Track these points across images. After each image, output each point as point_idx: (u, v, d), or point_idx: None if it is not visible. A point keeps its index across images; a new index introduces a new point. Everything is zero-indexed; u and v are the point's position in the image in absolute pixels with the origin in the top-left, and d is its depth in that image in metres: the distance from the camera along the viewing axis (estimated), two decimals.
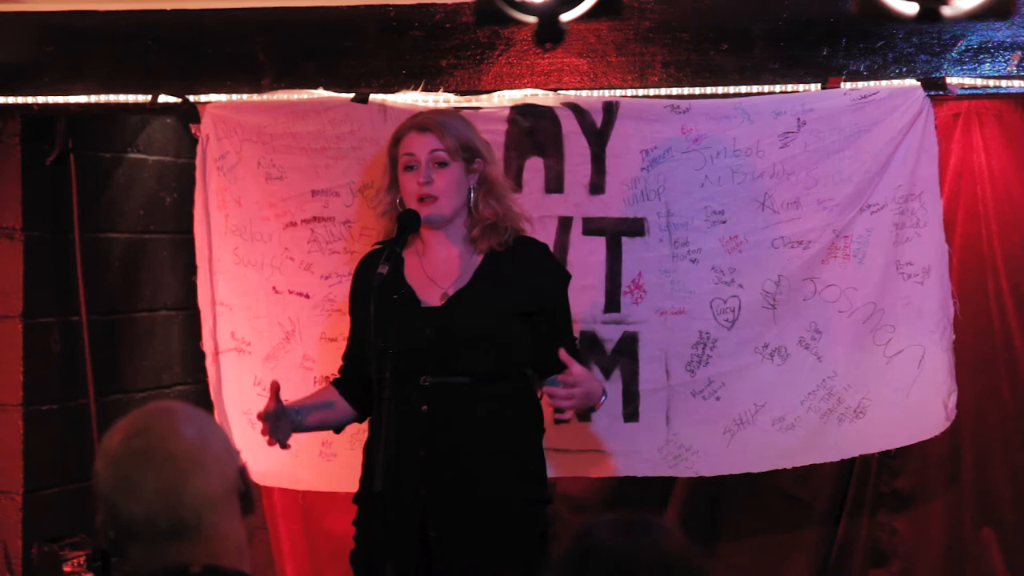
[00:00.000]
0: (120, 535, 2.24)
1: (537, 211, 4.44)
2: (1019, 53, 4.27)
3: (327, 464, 4.52)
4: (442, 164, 3.79)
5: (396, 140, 3.86)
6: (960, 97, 4.50)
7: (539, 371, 3.82)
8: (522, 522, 3.74)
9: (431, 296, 3.76)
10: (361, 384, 3.82)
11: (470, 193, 3.82)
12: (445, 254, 3.83)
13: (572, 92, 4.44)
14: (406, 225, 3.74)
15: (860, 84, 4.35)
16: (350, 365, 3.93)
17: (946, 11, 4.23)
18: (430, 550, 3.69)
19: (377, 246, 3.92)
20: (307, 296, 4.56)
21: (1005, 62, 4.29)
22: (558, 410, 3.72)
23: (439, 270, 3.81)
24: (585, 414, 4.45)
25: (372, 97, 4.48)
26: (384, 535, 3.61)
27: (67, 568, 4.76)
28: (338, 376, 3.99)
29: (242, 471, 2.28)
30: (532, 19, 4.39)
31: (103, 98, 4.63)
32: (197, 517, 2.21)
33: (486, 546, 3.69)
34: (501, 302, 3.76)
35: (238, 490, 2.26)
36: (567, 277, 3.96)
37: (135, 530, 2.21)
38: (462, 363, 3.72)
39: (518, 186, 4.45)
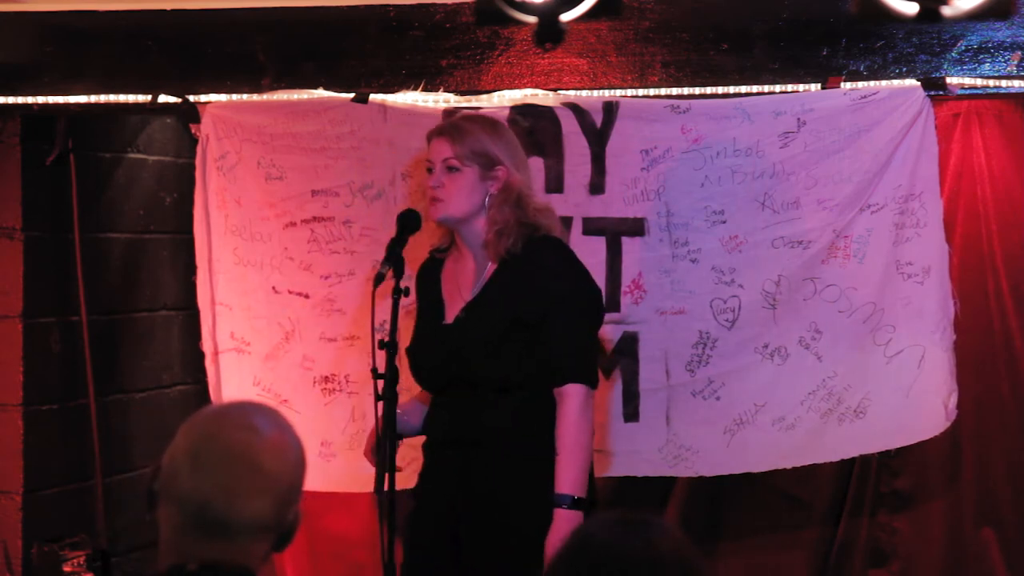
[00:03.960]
0: (164, 493, 2.22)
1: None
2: (1019, 53, 4.27)
3: (327, 464, 4.52)
4: (453, 169, 3.81)
5: (428, 142, 3.91)
6: (960, 97, 4.50)
7: (539, 382, 3.83)
8: (536, 521, 3.75)
9: (454, 307, 3.84)
10: None
11: (486, 199, 3.83)
12: (468, 264, 3.88)
13: (572, 92, 4.44)
14: (405, 225, 3.79)
15: (860, 84, 4.35)
16: None
17: (946, 11, 4.23)
18: (459, 544, 3.79)
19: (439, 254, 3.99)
20: (307, 296, 4.56)
21: (1005, 62, 4.29)
22: None
23: (463, 279, 3.87)
24: None
25: (372, 97, 4.48)
26: (421, 529, 3.78)
27: (67, 568, 4.76)
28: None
29: (298, 518, 2.29)
30: (532, 19, 4.39)
31: (103, 98, 4.63)
32: (237, 528, 2.21)
33: (508, 543, 3.77)
34: (501, 315, 3.78)
35: (281, 528, 2.27)
36: (569, 285, 3.79)
37: (183, 499, 2.20)
38: (476, 376, 3.77)
39: None
